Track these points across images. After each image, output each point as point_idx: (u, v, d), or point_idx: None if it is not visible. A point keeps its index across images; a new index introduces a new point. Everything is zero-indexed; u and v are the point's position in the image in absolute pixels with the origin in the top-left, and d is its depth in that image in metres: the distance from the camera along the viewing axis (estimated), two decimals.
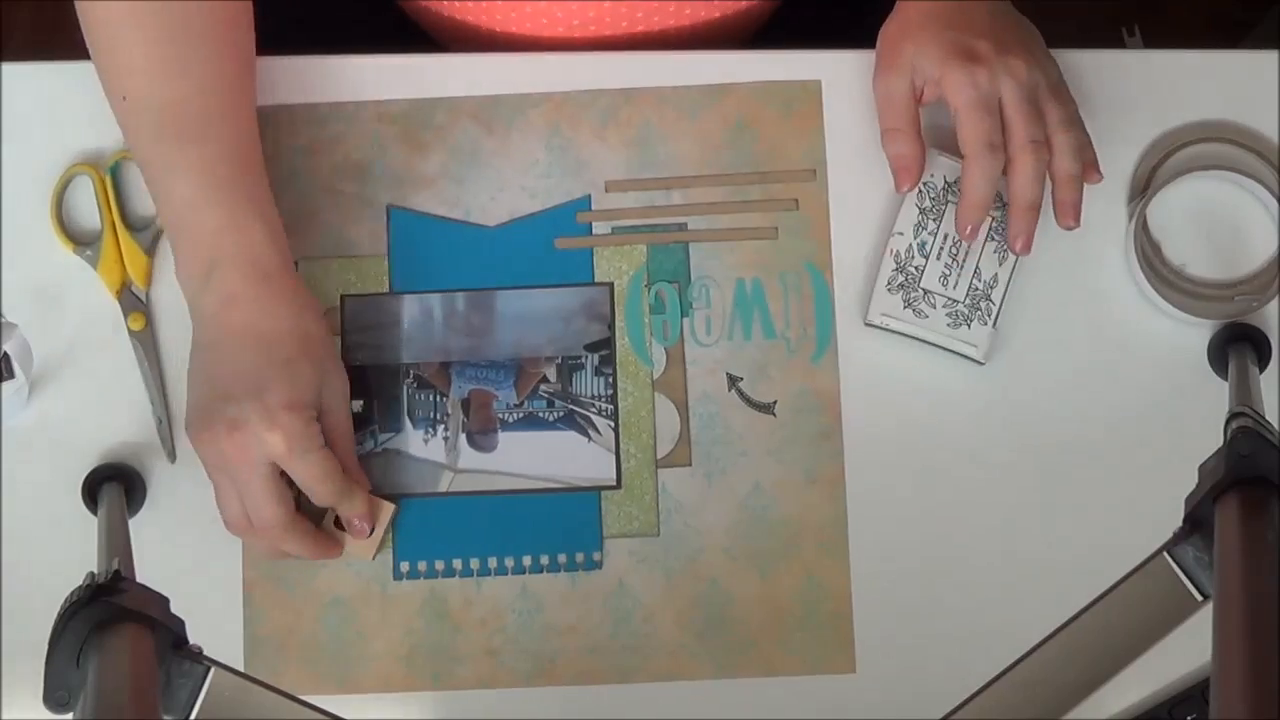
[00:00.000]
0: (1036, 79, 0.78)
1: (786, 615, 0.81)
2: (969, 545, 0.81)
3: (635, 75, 0.85)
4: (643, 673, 0.81)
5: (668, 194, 0.84)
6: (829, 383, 0.83)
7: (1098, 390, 0.82)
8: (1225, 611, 0.52)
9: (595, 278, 0.84)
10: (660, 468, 0.82)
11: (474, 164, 0.85)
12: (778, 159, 0.85)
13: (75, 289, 0.84)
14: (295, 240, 0.83)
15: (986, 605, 0.80)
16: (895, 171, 0.81)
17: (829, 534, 0.81)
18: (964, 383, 0.82)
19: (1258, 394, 0.68)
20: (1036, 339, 0.83)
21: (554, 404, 0.83)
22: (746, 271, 0.84)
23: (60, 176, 0.84)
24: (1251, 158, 0.84)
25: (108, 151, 0.85)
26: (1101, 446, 0.82)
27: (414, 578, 0.81)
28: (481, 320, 0.84)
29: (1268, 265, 0.83)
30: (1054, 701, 0.58)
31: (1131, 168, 0.84)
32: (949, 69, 0.77)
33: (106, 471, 0.81)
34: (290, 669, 0.80)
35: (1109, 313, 0.83)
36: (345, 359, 0.82)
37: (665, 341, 0.83)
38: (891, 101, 0.81)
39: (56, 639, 0.55)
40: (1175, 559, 0.59)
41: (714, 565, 0.81)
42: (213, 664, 0.57)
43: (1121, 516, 0.80)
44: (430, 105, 0.85)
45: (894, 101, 0.80)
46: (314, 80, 0.85)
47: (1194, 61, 0.86)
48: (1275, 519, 0.55)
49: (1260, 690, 0.47)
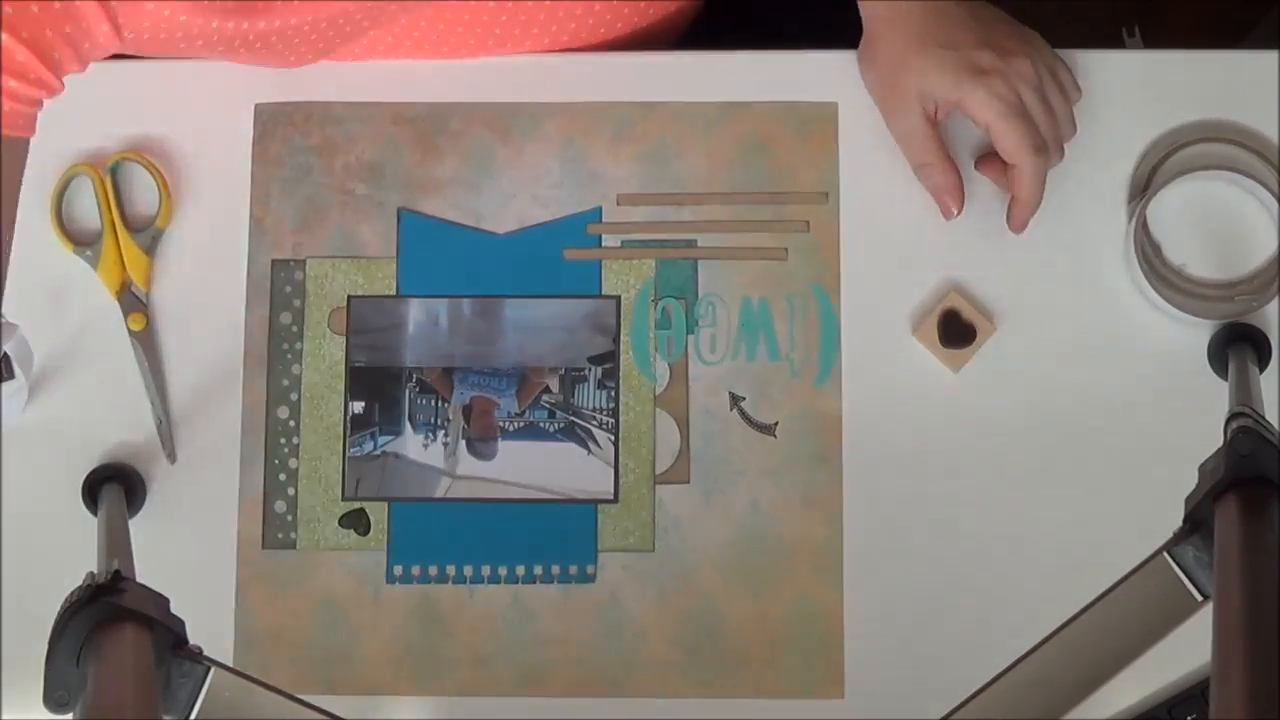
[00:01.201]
0: (1041, 72, 0.79)
1: (778, 637, 0.81)
2: (965, 574, 0.81)
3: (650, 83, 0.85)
4: (631, 687, 0.81)
5: (679, 210, 0.84)
6: (831, 406, 0.82)
7: (1098, 390, 0.82)
8: (1225, 611, 0.52)
9: (602, 290, 0.84)
10: (658, 484, 0.82)
11: (487, 171, 0.85)
12: (791, 180, 0.84)
13: (75, 289, 0.84)
14: (304, 239, 0.83)
15: (980, 636, 0.80)
16: (940, 202, 0.81)
17: (824, 557, 0.81)
18: (966, 407, 0.82)
19: (1258, 394, 0.68)
20: (1037, 339, 0.83)
21: (555, 415, 0.83)
22: (754, 291, 0.84)
23: (60, 176, 0.84)
24: (1251, 158, 0.84)
25: (108, 151, 0.85)
26: (1102, 447, 0.82)
27: (407, 582, 0.81)
28: (487, 327, 0.84)
29: (1268, 265, 0.83)
30: (1054, 701, 0.58)
31: (1131, 168, 0.84)
32: (965, 91, 0.78)
33: (106, 472, 0.81)
34: (280, 668, 0.80)
35: (1109, 313, 0.83)
36: (349, 360, 0.82)
37: (669, 357, 0.83)
38: (913, 139, 0.81)
39: (56, 639, 0.55)
40: (1175, 559, 0.59)
41: (707, 583, 0.81)
42: (213, 664, 0.57)
43: (1121, 516, 0.80)
44: (446, 110, 0.85)
45: (915, 138, 0.81)
46: (329, 80, 0.85)
47: (1194, 61, 0.86)
48: (1275, 519, 0.55)
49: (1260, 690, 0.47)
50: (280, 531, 0.82)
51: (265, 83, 0.85)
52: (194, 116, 0.85)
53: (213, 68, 0.86)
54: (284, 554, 0.82)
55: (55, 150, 0.85)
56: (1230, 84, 0.85)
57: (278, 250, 0.84)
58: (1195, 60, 0.86)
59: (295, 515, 0.82)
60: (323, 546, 0.82)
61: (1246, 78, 0.85)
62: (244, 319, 0.84)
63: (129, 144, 0.85)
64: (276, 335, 0.84)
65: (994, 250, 0.83)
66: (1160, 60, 0.86)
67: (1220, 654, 0.50)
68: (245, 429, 0.83)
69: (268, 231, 0.84)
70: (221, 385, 0.83)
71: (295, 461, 0.83)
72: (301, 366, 0.83)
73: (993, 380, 0.82)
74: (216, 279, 0.84)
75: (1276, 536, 0.54)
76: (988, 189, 0.83)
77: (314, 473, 0.83)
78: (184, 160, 0.85)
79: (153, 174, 0.84)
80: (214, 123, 0.85)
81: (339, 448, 0.83)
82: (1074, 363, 0.83)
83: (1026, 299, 0.83)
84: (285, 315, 0.84)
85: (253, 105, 0.85)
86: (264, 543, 0.82)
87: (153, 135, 0.85)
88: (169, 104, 0.85)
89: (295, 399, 0.83)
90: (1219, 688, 0.48)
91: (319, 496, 0.82)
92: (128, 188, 0.85)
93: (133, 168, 0.85)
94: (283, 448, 0.83)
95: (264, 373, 0.83)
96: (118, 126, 0.85)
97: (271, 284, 0.84)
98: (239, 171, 0.85)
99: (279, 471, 0.83)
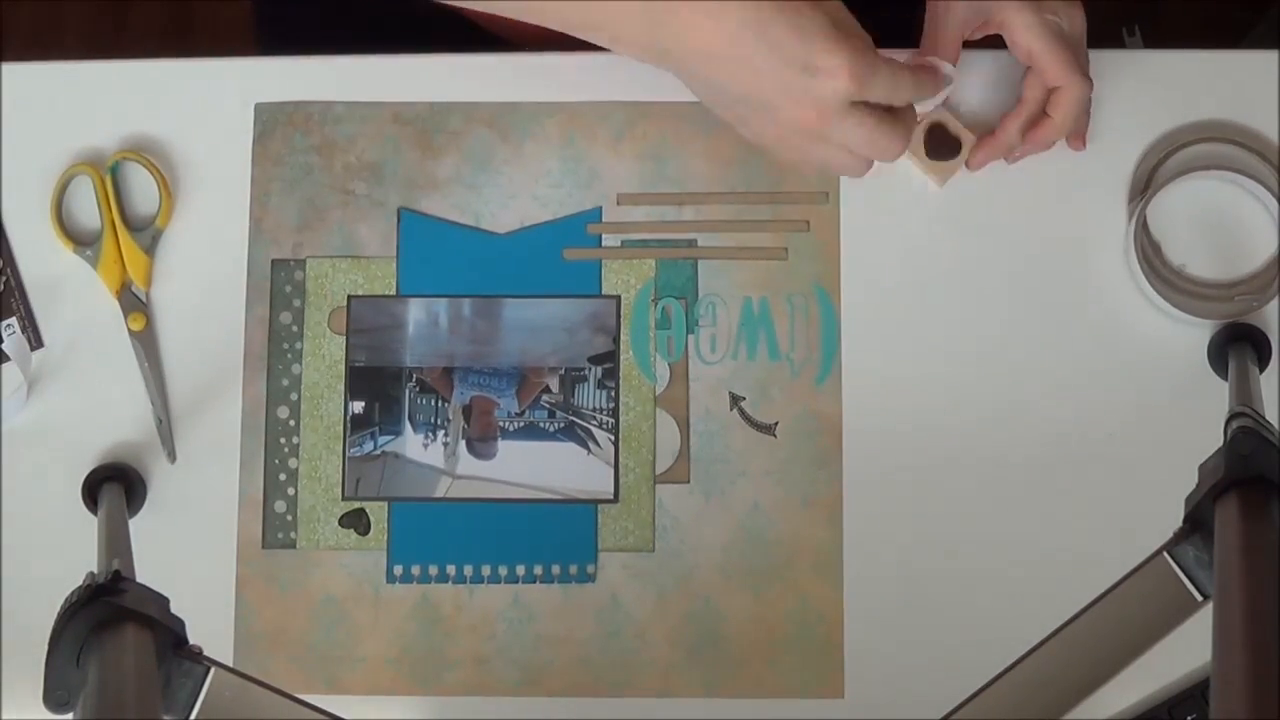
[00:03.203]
0: (1083, 35, 0.80)
1: (777, 637, 0.81)
2: (966, 573, 0.81)
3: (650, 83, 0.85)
4: (631, 687, 0.80)
5: (679, 209, 0.84)
6: (831, 406, 0.82)
7: (1097, 390, 0.82)
8: (1225, 611, 0.51)
9: (602, 290, 0.84)
10: (658, 484, 0.82)
11: (487, 170, 0.85)
12: (791, 179, 0.84)
13: (75, 289, 0.84)
14: (304, 239, 0.83)
15: (980, 636, 0.80)
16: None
17: (824, 557, 0.81)
18: (966, 406, 0.82)
19: (1258, 394, 0.68)
20: (1036, 339, 0.83)
21: (555, 415, 0.83)
22: (754, 291, 0.84)
23: (60, 176, 0.84)
24: (1251, 158, 0.84)
25: (108, 151, 0.85)
26: (1101, 447, 0.82)
27: (407, 581, 0.82)
28: (487, 327, 0.84)
29: (1268, 265, 0.83)
30: (1054, 701, 0.58)
31: (1131, 168, 0.84)
32: (1014, 10, 0.78)
33: (106, 471, 0.81)
34: (279, 668, 0.80)
35: (1109, 313, 0.83)
36: (349, 359, 0.82)
37: (669, 357, 0.83)
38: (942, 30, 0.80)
39: (56, 639, 0.55)
40: (1175, 559, 0.59)
41: (707, 584, 0.81)
42: (213, 664, 0.57)
43: (1121, 516, 0.80)
44: (445, 109, 0.85)
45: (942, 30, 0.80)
46: (329, 79, 0.85)
47: (1194, 61, 0.86)
48: (1275, 519, 0.55)
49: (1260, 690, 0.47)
50: (280, 531, 0.82)
51: (265, 83, 0.85)
52: (194, 116, 0.85)
53: (213, 67, 0.86)
54: (284, 554, 0.82)
55: (55, 150, 0.85)
56: (1230, 84, 0.85)
57: (278, 250, 0.84)
58: (1195, 60, 0.86)
59: (295, 515, 0.82)
60: (323, 546, 0.82)
61: (1246, 78, 0.85)
62: (244, 319, 0.84)
63: (129, 144, 0.85)
64: (276, 335, 0.84)
65: (994, 247, 0.83)
66: (1160, 60, 0.86)
67: (1220, 654, 0.50)
68: (245, 429, 0.83)
69: (267, 231, 0.84)
70: (221, 385, 0.83)
71: (295, 461, 0.83)
72: (301, 366, 0.83)
73: (993, 380, 0.82)
74: (216, 279, 0.84)
75: (1277, 536, 0.54)
76: (984, 189, 0.83)
77: (314, 472, 0.83)
78: (184, 160, 0.85)
79: (153, 174, 0.84)
80: (214, 123, 0.85)
81: (339, 448, 0.83)
82: (1073, 363, 0.83)
83: (1026, 299, 0.83)
84: (285, 315, 0.84)
85: (253, 105, 0.85)
86: (264, 542, 0.82)
87: (153, 135, 0.85)
88: (169, 104, 0.85)
89: (295, 399, 0.83)
90: (1219, 688, 0.48)
91: (319, 496, 0.82)
92: (128, 188, 0.85)
93: (133, 168, 0.85)
94: (282, 447, 0.83)
95: (264, 372, 0.83)
96: (118, 126, 0.85)
97: (271, 284, 0.84)
98: (239, 171, 0.85)
99: (279, 471, 0.83)
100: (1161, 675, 0.78)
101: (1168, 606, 0.58)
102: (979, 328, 0.83)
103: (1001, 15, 0.79)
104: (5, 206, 0.84)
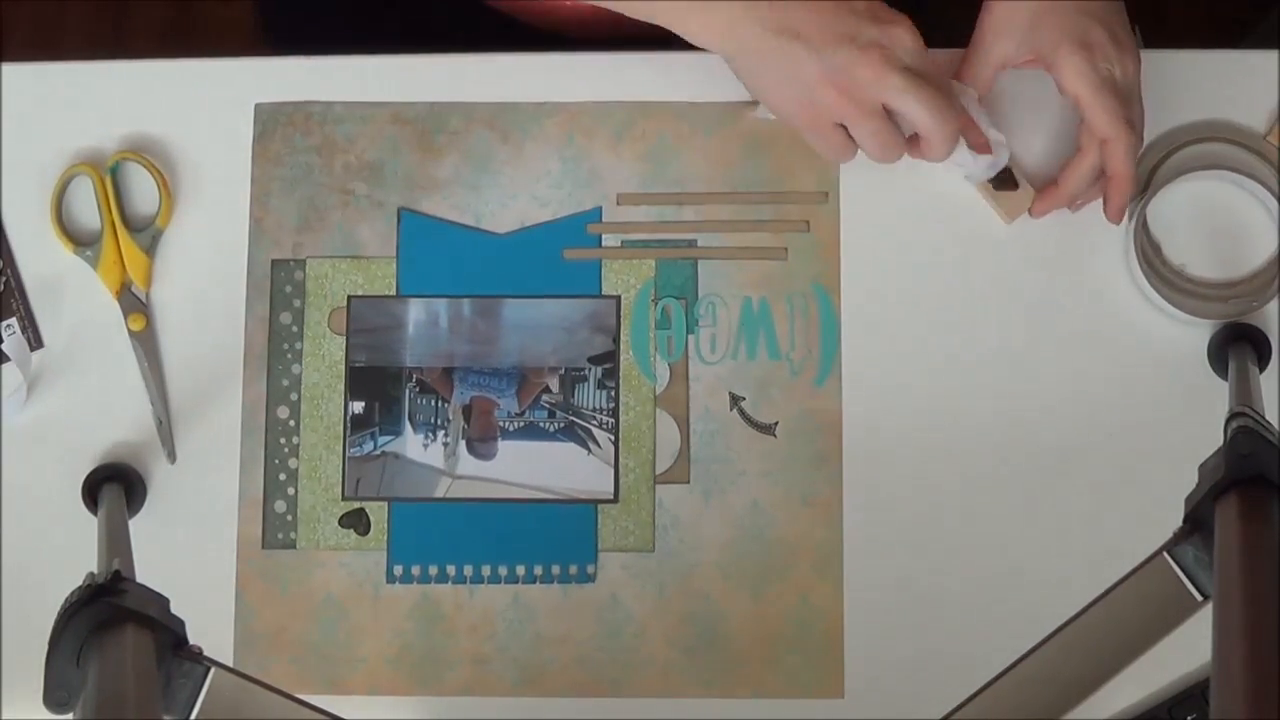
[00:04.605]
0: (1136, 80, 0.79)
1: (777, 637, 0.81)
2: (965, 574, 0.81)
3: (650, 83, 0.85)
4: (631, 687, 0.80)
5: (679, 209, 0.84)
6: (831, 406, 0.82)
7: (1097, 391, 0.82)
8: (1225, 611, 0.52)
9: (603, 290, 0.84)
10: (658, 483, 0.82)
11: (487, 170, 0.85)
12: (791, 180, 0.84)
13: (75, 289, 0.84)
14: (304, 239, 0.83)
15: (981, 636, 0.80)
16: None
17: (824, 557, 0.81)
18: (966, 406, 0.82)
19: (1258, 394, 0.68)
20: (1037, 340, 0.83)
21: (555, 415, 0.83)
22: (754, 291, 0.84)
23: (60, 176, 0.84)
24: (1251, 158, 0.84)
25: (108, 151, 0.85)
26: (1101, 447, 0.82)
27: (407, 581, 0.82)
28: (487, 327, 0.84)
29: (1268, 265, 0.83)
30: (1054, 701, 0.58)
31: None
32: (1065, 54, 0.77)
33: (106, 472, 0.81)
34: (279, 668, 0.81)
35: (1109, 313, 0.83)
36: (349, 360, 0.82)
37: (669, 357, 0.83)
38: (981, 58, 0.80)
39: (56, 639, 0.55)
40: (1175, 559, 0.59)
41: (707, 583, 0.81)
42: (213, 664, 0.57)
43: (1121, 516, 0.80)
44: (446, 110, 0.85)
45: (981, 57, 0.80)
46: (329, 79, 0.85)
47: (1194, 61, 0.86)
48: (1275, 519, 0.55)
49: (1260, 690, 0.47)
50: (280, 531, 0.82)
51: (265, 83, 0.85)
52: (194, 116, 0.85)
53: (213, 67, 0.86)
54: (284, 554, 0.82)
55: (55, 150, 0.85)
56: (1230, 84, 0.85)
57: (278, 250, 0.84)
58: (1195, 60, 0.86)
59: (295, 515, 0.82)
60: (323, 546, 0.82)
61: (1246, 78, 0.85)
62: (244, 319, 0.84)
63: (129, 144, 0.85)
64: (276, 335, 0.84)
65: (993, 247, 0.83)
66: (1160, 60, 0.85)
67: (1220, 654, 0.50)
68: (245, 429, 0.83)
69: (268, 231, 0.84)
70: (221, 385, 0.83)
71: (295, 461, 0.83)
72: (301, 366, 0.83)
73: (993, 380, 0.82)
74: (216, 279, 0.84)
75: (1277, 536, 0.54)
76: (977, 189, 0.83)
77: (314, 473, 0.83)
78: (184, 160, 0.85)
79: (153, 174, 0.84)
80: (214, 123, 0.85)
81: (339, 448, 0.83)
82: (1074, 363, 0.83)
83: (1026, 299, 0.83)
84: (285, 315, 0.84)
85: (253, 105, 0.85)
86: (264, 542, 0.82)
87: (153, 135, 0.85)
88: (169, 104, 0.85)
89: (295, 399, 0.83)
90: (1219, 688, 0.48)
91: (319, 496, 0.82)
92: (128, 188, 0.85)
93: (133, 168, 0.85)
94: (282, 447, 0.83)
95: (264, 372, 0.83)
96: (118, 126, 0.85)
97: (271, 284, 0.84)
98: (239, 171, 0.85)
99: (279, 471, 0.83)
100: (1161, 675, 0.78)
101: (1168, 606, 0.58)
102: (979, 328, 0.83)
103: (1053, 57, 0.77)
104: (5, 206, 0.84)
